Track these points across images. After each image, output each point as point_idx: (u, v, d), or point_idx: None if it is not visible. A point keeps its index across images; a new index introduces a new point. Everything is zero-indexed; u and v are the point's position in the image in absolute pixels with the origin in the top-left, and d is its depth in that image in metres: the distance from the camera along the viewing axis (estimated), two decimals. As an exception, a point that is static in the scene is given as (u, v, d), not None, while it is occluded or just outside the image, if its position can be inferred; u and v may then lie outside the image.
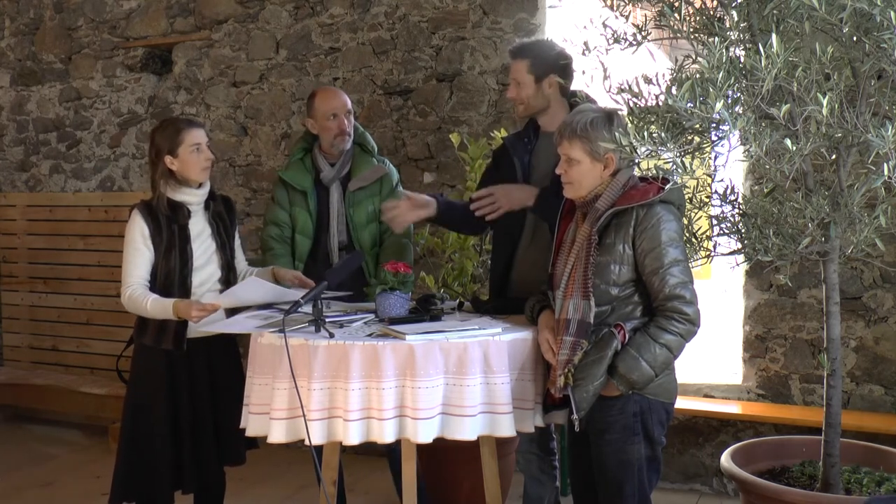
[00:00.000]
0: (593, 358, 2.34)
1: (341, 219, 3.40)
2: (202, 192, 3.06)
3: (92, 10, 5.46)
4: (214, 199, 3.13)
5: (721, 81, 2.17)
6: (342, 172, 3.42)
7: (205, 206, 3.08)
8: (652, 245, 2.34)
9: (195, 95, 5.16)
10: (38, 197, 5.70)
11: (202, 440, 2.99)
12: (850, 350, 3.80)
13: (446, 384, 2.40)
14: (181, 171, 2.98)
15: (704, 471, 4.05)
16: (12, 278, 5.76)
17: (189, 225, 3.01)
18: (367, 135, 3.53)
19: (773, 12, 2.36)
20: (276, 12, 4.89)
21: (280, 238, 3.44)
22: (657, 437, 2.43)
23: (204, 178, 3.04)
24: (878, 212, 2.39)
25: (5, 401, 5.43)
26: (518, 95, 2.98)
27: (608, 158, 2.41)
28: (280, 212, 3.45)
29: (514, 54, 3.00)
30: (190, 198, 3.03)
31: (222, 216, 3.12)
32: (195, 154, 2.98)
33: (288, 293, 2.89)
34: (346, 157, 3.43)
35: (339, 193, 3.41)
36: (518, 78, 2.96)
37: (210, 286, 3.03)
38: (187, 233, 3.00)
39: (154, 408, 2.95)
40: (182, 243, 2.98)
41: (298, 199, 3.42)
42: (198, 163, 2.99)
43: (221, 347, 3.06)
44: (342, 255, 3.37)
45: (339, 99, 3.40)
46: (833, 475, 2.70)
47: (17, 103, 5.78)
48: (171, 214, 2.99)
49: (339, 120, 3.36)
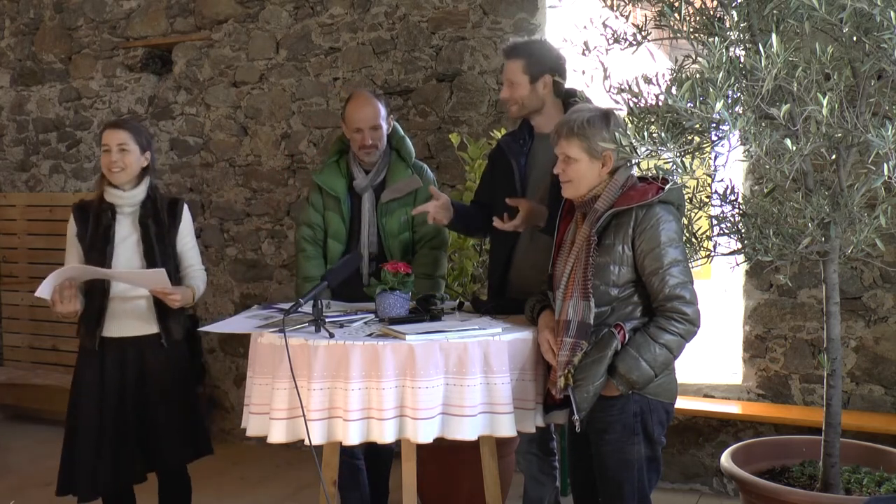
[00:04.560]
0: (593, 358, 2.34)
1: (372, 228, 3.33)
2: (130, 194, 3.05)
3: (92, 10, 5.46)
4: (154, 202, 3.08)
5: (721, 81, 2.17)
6: (376, 181, 3.35)
7: (140, 209, 3.06)
8: (651, 245, 2.34)
9: (195, 95, 5.16)
10: (38, 197, 5.69)
11: (122, 441, 2.99)
12: (850, 350, 3.80)
13: (446, 384, 2.40)
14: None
15: (704, 471, 4.05)
16: (12, 278, 5.76)
17: (115, 227, 3.02)
18: (405, 140, 3.43)
19: (773, 12, 2.36)
20: (276, 12, 4.89)
21: (312, 240, 3.40)
22: (657, 437, 2.43)
23: (117, 181, 3.02)
24: (878, 212, 2.39)
25: (5, 401, 5.44)
26: (512, 96, 2.96)
27: (606, 156, 2.41)
28: (314, 214, 3.40)
29: (507, 54, 2.97)
30: (116, 199, 3.04)
31: (160, 220, 3.06)
32: (104, 155, 3.02)
33: (132, 275, 2.96)
34: (380, 165, 3.35)
35: (372, 203, 3.33)
36: (512, 78, 2.94)
37: (134, 291, 3.00)
38: (110, 234, 3.01)
39: (79, 405, 3.02)
40: (102, 244, 2.99)
41: (332, 203, 3.37)
42: (104, 164, 3.02)
43: (156, 348, 3.04)
44: (372, 266, 3.32)
45: (364, 113, 3.27)
46: (833, 475, 2.70)
47: (17, 103, 5.78)
48: (99, 215, 3.02)
49: (362, 135, 3.27)
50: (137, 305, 3.02)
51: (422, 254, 3.36)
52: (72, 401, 3.07)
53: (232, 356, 5.12)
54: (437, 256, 3.38)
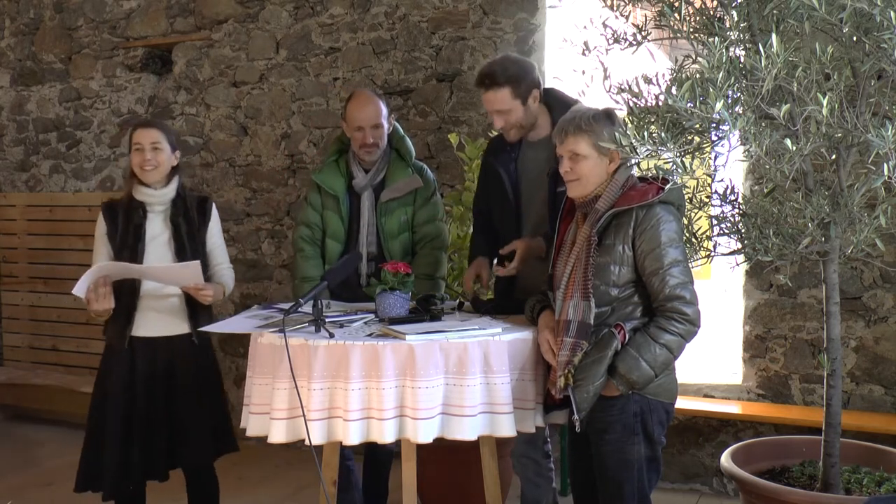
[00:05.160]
0: (593, 358, 2.34)
1: (371, 228, 3.31)
2: (161, 192, 3.05)
3: (92, 10, 5.46)
4: (184, 200, 3.09)
5: (721, 81, 2.17)
6: (375, 180, 3.33)
7: (171, 207, 3.07)
8: (651, 246, 2.34)
9: (195, 95, 5.16)
10: (38, 197, 5.70)
11: (152, 438, 2.99)
12: (850, 350, 3.80)
13: (446, 384, 2.40)
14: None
15: (704, 471, 4.06)
16: (12, 278, 5.76)
17: (145, 225, 3.02)
18: (406, 140, 3.42)
19: (773, 12, 2.36)
20: (276, 12, 4.89)
21: (311, 240, 3.39)
22: (657, 438, 2.43)
23: (150, 179, 3.03)
24: (878, 212, 2.39)
25: (5, 401, 5.44)
26: (508, 122, 2.91)
27: (613, 153, 2.41)
28: (312, 213, 3.39)
29: (488, 85, 2.87)
30: (147, 198, 3.04)
31: (190, 219, 3.07)
32: (136, 154, 3.02)
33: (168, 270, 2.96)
34: (380, 164, 3.33)
35: (371, 202, 3.32)
36: (503, 107, 2.88)
37: (169, 290, 3.01)
38: (141, 232, 3.01)
39: (106, 403, 3.00)
40: (134, 242, 2.99)
41: (331, 202, 3.35)
42: (136, 163, 3.02)
43: (182, 347, 3.04)
44: (371, 266, 3.31)
45: (366, 112, 3.25)
46: (833, 475, 2.70)
47: (17, 103, 5.78)
48: (129, 213, 3.01)
49: (362, 134, 3.26)
50: (169, 304, 3.02)
51: (422, 254, 3.36)
52: (97, 400, 3.06)
53: (232, 356, 5.12)
54: (438, 257, 3.38)
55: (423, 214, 3.36)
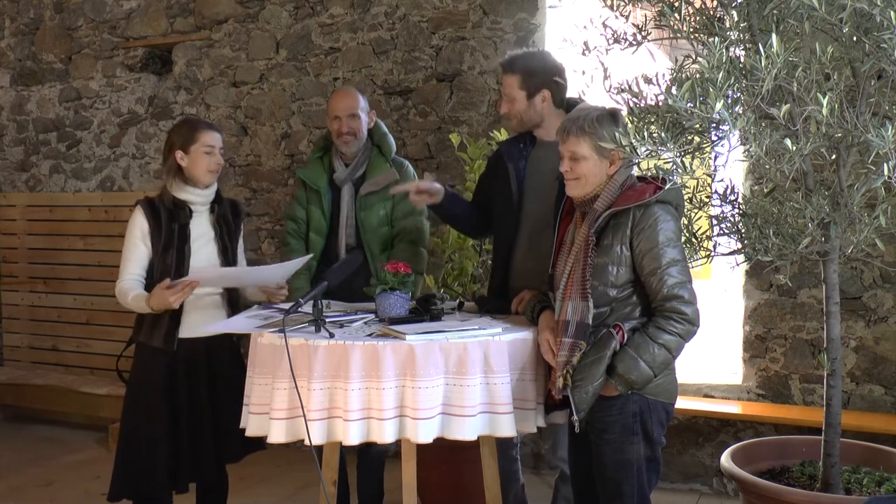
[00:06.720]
0: (592, 358, 2.34)
1: (350, 221, 3.40)
2: (207, 193, 3.05)
3: (92, 10, 5.46)
4: (220, 202, 3.11)
5: (721, 81, 2.17)
6: (356, 174, 3.43)
7: (210, 208, 3.07)
8: (650, 246, 2.34)
9: (195, 95, 5.16)
10: (38, 197, 5.70)
11: (199, 440, 2.97)
12: (850, 350, 3.80)
13: (446, 384, 2.39)
14: (189, 169, 2.98)
15: (704, 471, 4.06)
16: (12, 278, 5.76)
17: (190, 225, 3.00)
18: (387, 136, 3.51)
19: (773, 12, 2.36)
20: (276, 12, 4.89)
21: (296, 234, 3.50)
22: (657, 438, 2.43)
23: (210, 181, 3.03)
24: (878, 212, 2.39)
25: (5, 401, 5.44)
26: (510, 111, 2.94)
27: (613, 155, 2.41)
28: (297, 208, 3.50)
29: (505, 68, 2.94)
30: (193, 197, 3.02)
31: (227, 220, 3.10)
32: (206, 155, 2.99)
33: (263, 271, 3.00)
34: (360, 159, 3.43)
35: (351, 195, 3.41)
36: (510, 93, 2.92)
37: (208, 290, 3.00)
38: (187, 232, 2.99)
39: (151, 407, 2.94)
40: (180, 242, 2.97)
41: (314, 197, 3.45)
42: (206, 164, 2.99)
43: (221, 346, 3.04)
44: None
45: (343, 101, 3.41)
46: (833, 475, 2.70)
47: (17, 103, 5.79)
48: (173, 212, 2.98)
49: (339, 122, 3.38)
50: (211, 302, 3.01)
51: (400, 248, 3.40)
52: (135, 405, 2.98)
53: (232, 356, 5.12)
54: (416, 251, 3.41)
55: (401, 209, 3.42)
